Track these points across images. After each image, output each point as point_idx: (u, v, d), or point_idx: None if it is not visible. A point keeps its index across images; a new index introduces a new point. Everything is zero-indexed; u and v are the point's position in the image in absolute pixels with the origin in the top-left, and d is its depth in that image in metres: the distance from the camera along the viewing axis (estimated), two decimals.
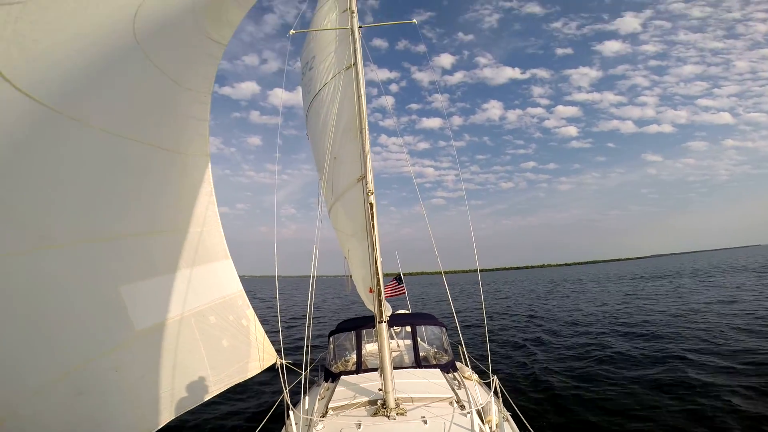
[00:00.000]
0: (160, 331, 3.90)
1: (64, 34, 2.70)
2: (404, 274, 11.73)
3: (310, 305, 4.58)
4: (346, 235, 6.87)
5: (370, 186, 4.71)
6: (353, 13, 5.90)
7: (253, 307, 5.32)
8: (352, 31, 5.66)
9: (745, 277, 37.64)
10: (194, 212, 4.63)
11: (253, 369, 5.09)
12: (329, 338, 6.92)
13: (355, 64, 5.32)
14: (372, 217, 4.58)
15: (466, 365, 6.64)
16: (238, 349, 4.87)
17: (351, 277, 7.85)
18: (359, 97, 5.09)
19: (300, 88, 7.40)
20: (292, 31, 5.92)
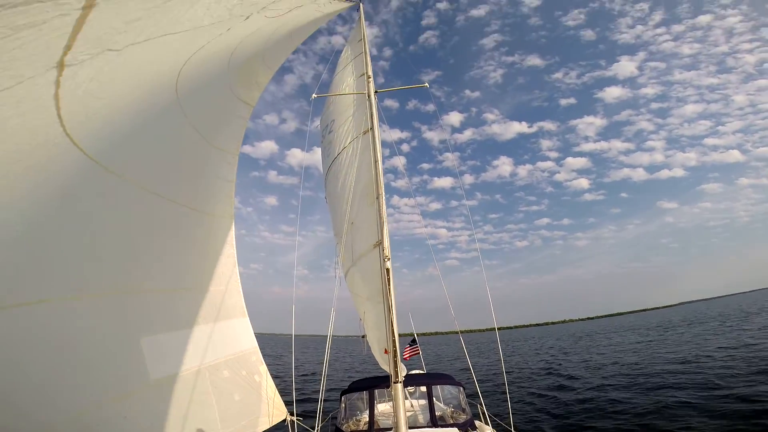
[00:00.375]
0: (175, 383, 3.91)
1: (120, 91, 2.82)
2: (417, 335, 11.63)
3: (326, 365, 4.63)
4: (362, 298, 6.85)
5: (387, 252, 4.73)
6: (369, 77, 6.24)
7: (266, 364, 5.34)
8: (369, 96, 5.93)
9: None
10: (217, 272, 4.75)
11: (263, 424, 5.07)
12: (341, 397, 6.79)
13: (372, 129, 5.51)
14: (389, 282, 4.58)
15: (487, 424, 6.40)
16: (249, 404, 4.87)
17: (366, 338, 7.70)
18: (376, 162, 5.20)
19: (317, 149, 7.69)
20: (314, 95, 6.29)
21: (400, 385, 4.55)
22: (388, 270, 4.65)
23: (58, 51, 1.92)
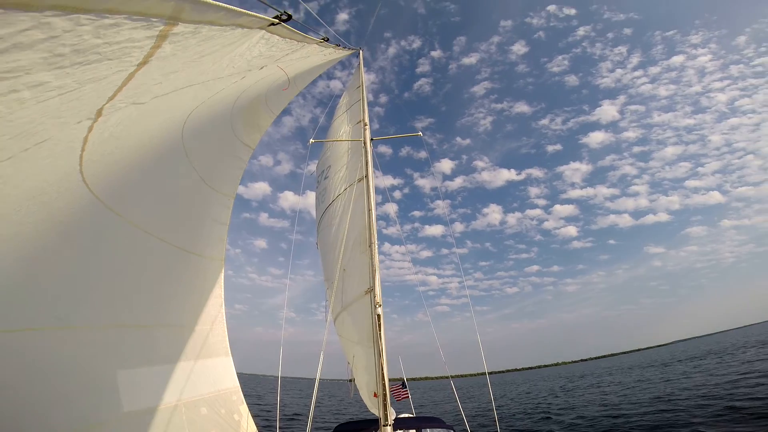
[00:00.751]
0: (149, 416, 3.83)
1: (135, 134, 2.97)
2: (407, 379, 11.44)
3: (313, 406, 4.55)
4: (352, 342, 6.87)
5: (378, 299, 4.82)
6: (366, 125, 6.47)
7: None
8: (365, 143, 6.12)
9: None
10: (203, 311, 4.78)
11: None
12: None
13: (367, 176, 5.68)
14: (379, 327, 4.64)
15: None
16: None
17: (354, 381, 7.58)
18: (370, 210, 5.33)
19: (310, 193, 7.90)
20: (311, 140, 6.50)
21: (389, 428, 4.56)
22: (379, 316, 4.74)
23: (102, 101, 2.07)
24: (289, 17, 2.59)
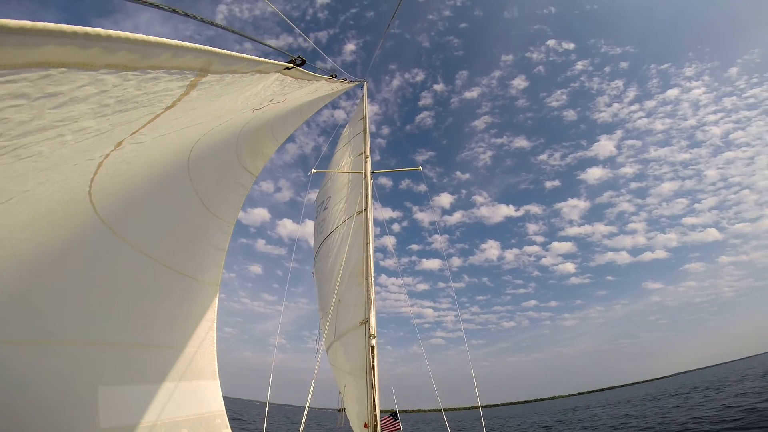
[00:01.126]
0: None
1: (146, 161, 3.06)
2: (399, 411, 11.25)
3: None
4: (344, 372, 6.82)
5: (373, 330, 4.85)
6: (367, 157, 6.60)
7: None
8: (366, 176, 6.25)
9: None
10: (194, 333, 4.77)
11: None
12: None
13: (366, 209, 5.78)
14: (373, 358, 4.63)
15: None
16: None
17: (344, 411, 7.48)
18: (368, 244, 5.42)
19: (308, 222, 7.97)
20: (313, 170, 6.61)
21: None
22: (373, 347, 4.74)
23: (126, 135, 2.18)
24: (303, 62, 2.76)
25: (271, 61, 2.37)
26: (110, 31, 1.30)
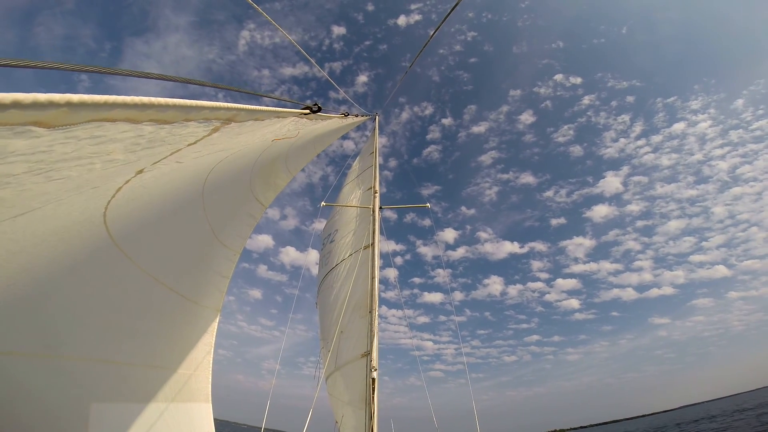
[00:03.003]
0: None
1: (164, 185, 3.15)
2: None
3: None
4: (342, 402, 6.82)
5: (375, 363, 4.88)
6: (376, 192, 6.68)
7: None
8: (374, 211, 6.37)
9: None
10: (192, 357, 4.79)
11: None
12: None
13: (373, 245, 5.90)
14: (373, 390, 4.67)
15: None
16: None
17: None
18: (373, 278, 5.53)
19: (311, 251, 8.02)
20: (323, 203, 6.76)
21: None
22: (373, 380, 4.77)
23: (148, 164, 2.31)
24: (319, 109, 2.94)
25: (288, 110, 2.55)
26: (164, 100, 1.50)
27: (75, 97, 1.29)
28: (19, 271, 2.79)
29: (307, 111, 2.93)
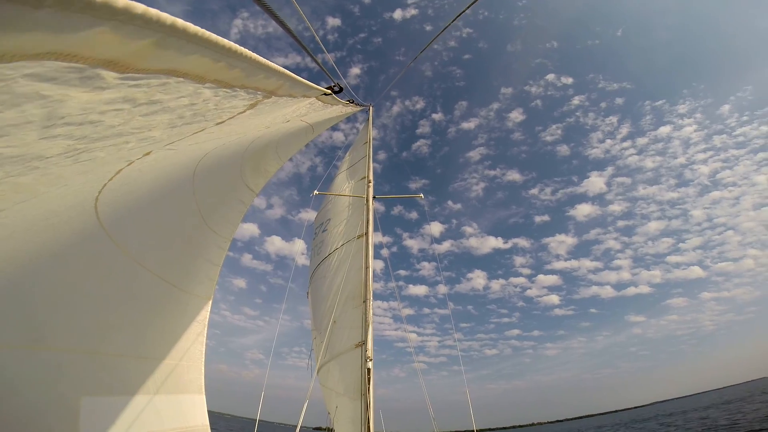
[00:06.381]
0: None
1: (158, 169, 3.04)
2: None
3: None
4: (337, 393, 6.72)
5: (370, 353, 4.85)
6: (370, 182, 6.64)
7: None
8: (368, 200, 6.28)
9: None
10: (182, 347, 4.69)
11: None
12: None
13: (367, 234, 5.82)
14: (369, 381, 4.64)
15: None
16: None
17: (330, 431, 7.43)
18: (367, 268, 5.48)
19: (298, 240, 7.90)
20: (315, 192, 6.64)
21: None
22: (369, 369, 4.74)
23: (161, 146, 2.13)
24: (341, 89, 2.85)
25: (319, 87, 2.43)
26: (239, 48, 1.29)
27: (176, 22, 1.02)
28: (5, 258, 2.66)
29: (329, 91, 2.82)
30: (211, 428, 4.89)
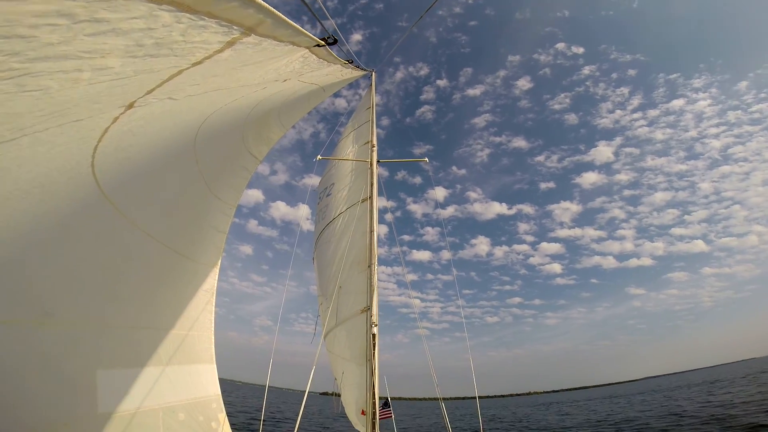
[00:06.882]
0: (124, 418, 3.72)
1: (153, 133, 2.95)
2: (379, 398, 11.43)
3: (299, 418, 4.51)
4: (343, 359, 6.82)
5: (375, 318, 4.84)
6: (373, 146, 6.50)
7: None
8: (371, 165, 6.19)
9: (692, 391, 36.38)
10: (192, 317, 4.71)
11: None
12: None
13: (371, 197, 5.75)
14: (374, 346, 4.66)
15: None
16: None
17: (340, 397, 7.57)
18: (372, 231, 5.43)
19: (302, 206, 7.86)
20: (319, 157, 6.54)
21: None
22: (374, 335, 4.75)
23: (140, 93, 2.02)
24: (335, 41, 2.71)
25: (309, 33, 2.29)
26: None
27: None
28: (4, 229, 2.55)
29: (323, 42, 2.67)
30: (224, 397, 4.95)
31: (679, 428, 14.76)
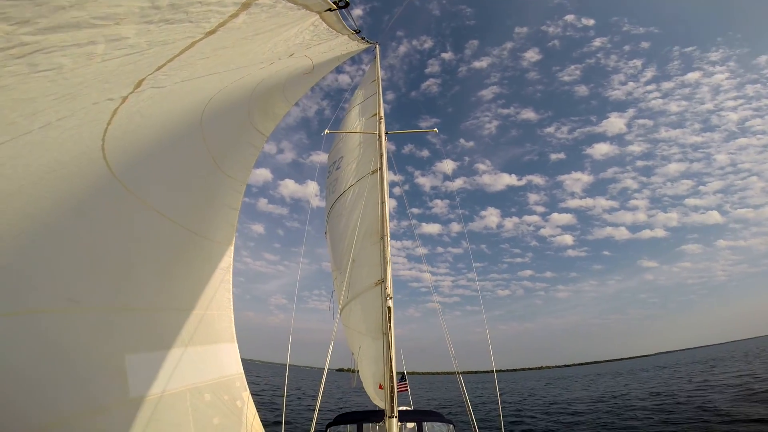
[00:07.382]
0: (153, 402, 3.76)
1: (161, 113, 2.94)
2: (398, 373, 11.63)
3: (320, 395, 4.48)
4: (359, 333, 6.83)
5: (389, 291, 4.85)
6: (381, 118, 6.42)
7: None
8: (380, 136, 6.13)
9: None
10: (211, 296, 4.73)
11: None
12: (326, 430, 6.43)
13: (381, 169, 5.69)
14: (389, 319, 4.66)
15: None
16: (228, 428, 4.67)
17: (357, 372, 7.67)
18: (383, 203, 5.39)
19: (310, 183, 7.86)
20: (326, 131, 6.48)
21: (395, 420, 4.54)
22: (389, 308, 4.75)
23: (150, 70, 1.97)
24: (347, 4, 2.63)
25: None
26: None
27: None
28: (22, 217, 2.52)
29: (335, 6, 2.59)
30: (246, 376, 5.01)
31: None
